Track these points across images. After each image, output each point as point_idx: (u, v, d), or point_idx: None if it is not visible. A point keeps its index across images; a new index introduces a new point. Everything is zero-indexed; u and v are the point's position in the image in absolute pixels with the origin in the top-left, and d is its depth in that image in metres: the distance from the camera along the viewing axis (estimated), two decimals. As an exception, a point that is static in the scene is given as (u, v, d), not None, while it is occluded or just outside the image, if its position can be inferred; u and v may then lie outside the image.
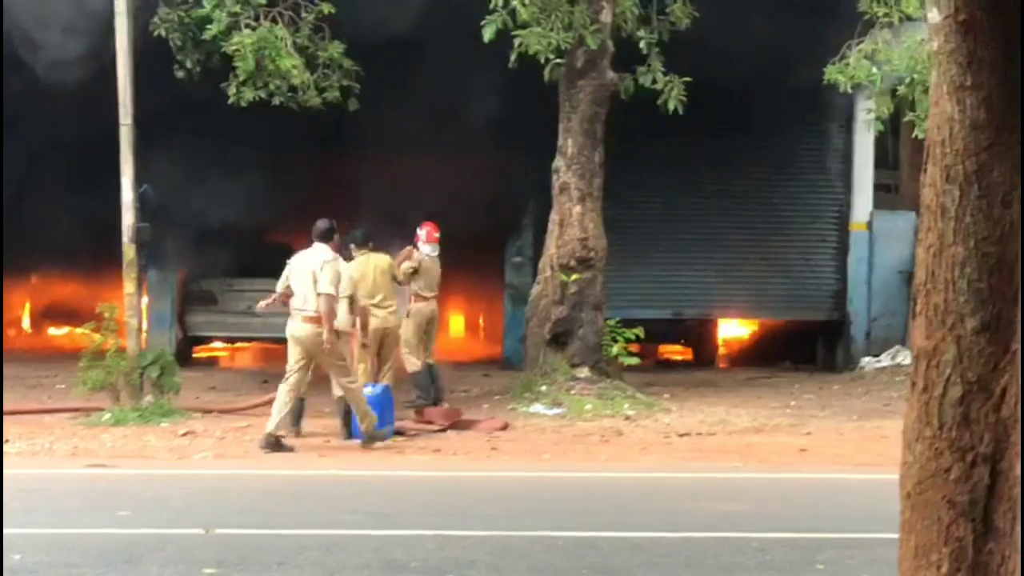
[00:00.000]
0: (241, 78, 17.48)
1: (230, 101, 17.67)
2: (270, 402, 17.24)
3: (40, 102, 20.41)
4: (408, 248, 17.67)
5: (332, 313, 14.68)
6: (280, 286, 15.36)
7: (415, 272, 17.41)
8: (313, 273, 14.68)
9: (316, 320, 14.60)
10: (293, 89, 17.61)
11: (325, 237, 15.16)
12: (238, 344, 25.06)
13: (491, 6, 17.11)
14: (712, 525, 10.41)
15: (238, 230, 23.76)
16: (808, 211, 23.71)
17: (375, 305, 16.67)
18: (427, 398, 17.47)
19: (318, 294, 14.62)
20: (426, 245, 17.67)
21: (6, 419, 16.72)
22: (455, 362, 21.71)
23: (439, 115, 20.86)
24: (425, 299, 17.58)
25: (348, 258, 16.38)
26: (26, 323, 29.29)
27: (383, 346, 17.01)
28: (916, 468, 4.61)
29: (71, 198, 22.53)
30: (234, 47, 17.32)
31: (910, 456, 4.65)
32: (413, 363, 17.48)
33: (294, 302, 14.94)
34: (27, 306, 29.30)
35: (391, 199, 21.31)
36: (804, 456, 14.73)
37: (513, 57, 17.30)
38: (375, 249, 17.27)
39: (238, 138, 20.59)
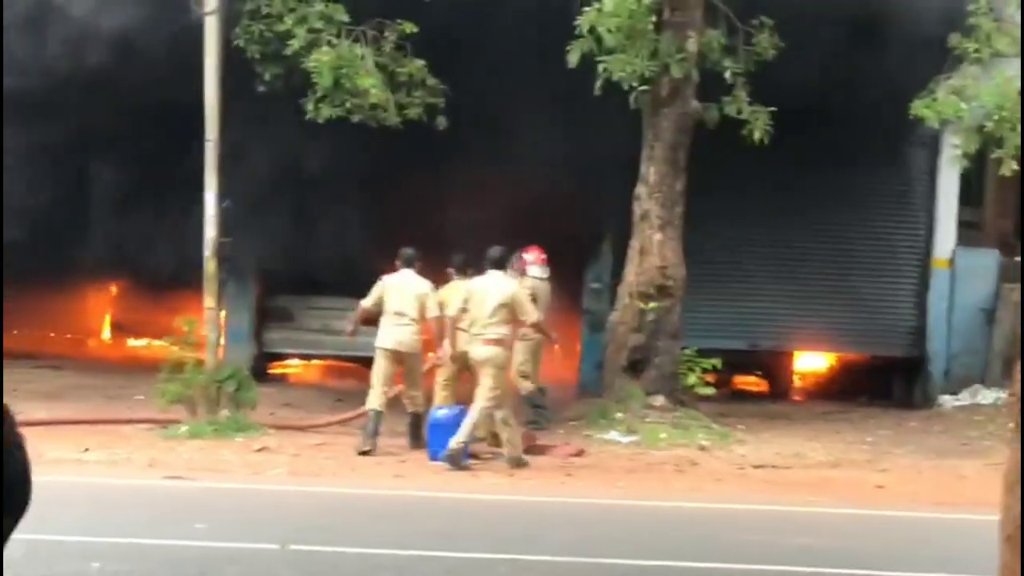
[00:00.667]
0: (319, 95, 17.59)
1: (307, 117, 17.77)
2: (347, 420, 17.45)
3: (123, 114, 20.62)
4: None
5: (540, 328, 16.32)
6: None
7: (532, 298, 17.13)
8: (499, 300, 15.34)
9: (498, 342, 15.31)
10: (372, 107, 17.68)
11: (499, 265, 15.92)
12: (313, 361, 25.17)
13: (577, 31, 17.16)
14: (786, 559, 10.34)
15: (316, 247, 23.93)
16: (889, 246, 23.52)
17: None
18: (541, 420, 17.63)
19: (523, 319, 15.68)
20: (536, 268, 17.71)
21: (86, 428, 16.93)
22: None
23: (521, 138, 20.91)
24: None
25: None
26: (106, 334, 29.56)
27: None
28: (1018, 511, 4.54)
29: (153, 210, 22.73)
30: (313, 64, 17.43)
31: (1011, 499, 4.58)
32: (527, 386, 17.54)
33: (474, 328, 15.45)
34: (107, 317, 29.58)
35: (471, 221, 21.34)
36: (880, 493, 14.60)
37: (598, 83, 17.31)
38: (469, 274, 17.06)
39: (319, 155, 20.70)
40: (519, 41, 19.16)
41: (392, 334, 16.50)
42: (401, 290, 16.48)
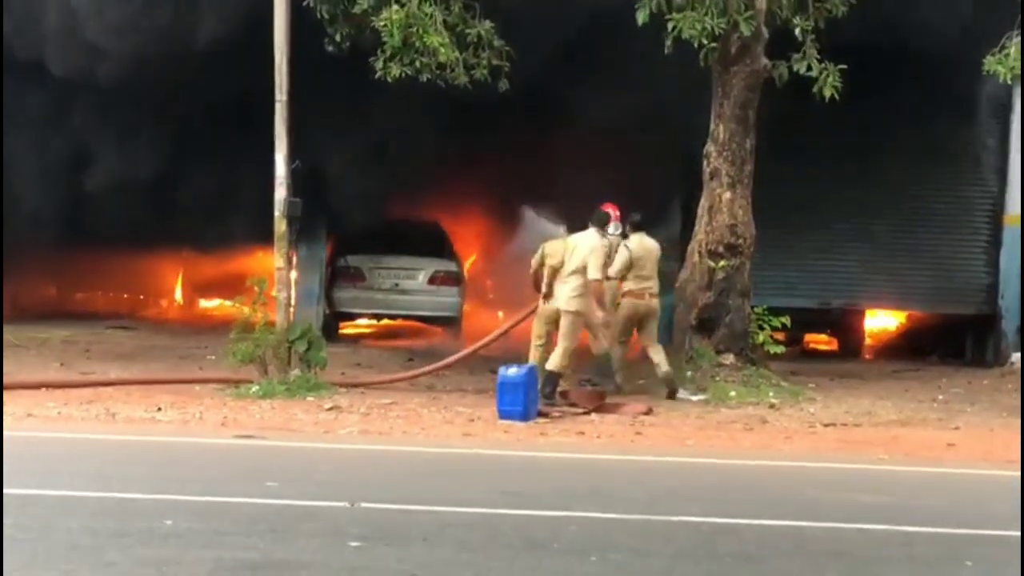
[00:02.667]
0: (388, 54, 17.55)
1: (377, 76, 17.74)
2: (414, 377, 17.61)
3: (194, 74, 20.71)
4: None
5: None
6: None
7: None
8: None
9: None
10: (441, 66, 17.63)
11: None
12: (383, 321, 25.27)
13: (646, -11, 17.07)
14: (857, 516, 10.29)
15: (387, 207, 24.02)
16: (960, 203, 23.35)
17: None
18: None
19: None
20: (610, 225, 17.83)
21: (159, 388, 17.07)
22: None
23: (592, 97, 20.88)
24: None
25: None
26: (178, 295, 29.79)
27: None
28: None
29: (225, 172, 22.85)
30: (382, 22, 17.39)
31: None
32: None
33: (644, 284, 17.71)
34: (180, 278, 29.80)
35: (543, 180, 21.38)
36: (952, 451, 14.51)
37: (668, 41, 17.21)
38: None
39: (393, 115, 20.76)
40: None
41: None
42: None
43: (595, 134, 21.86)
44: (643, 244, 17.97)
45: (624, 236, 17.95)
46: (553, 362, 16.67)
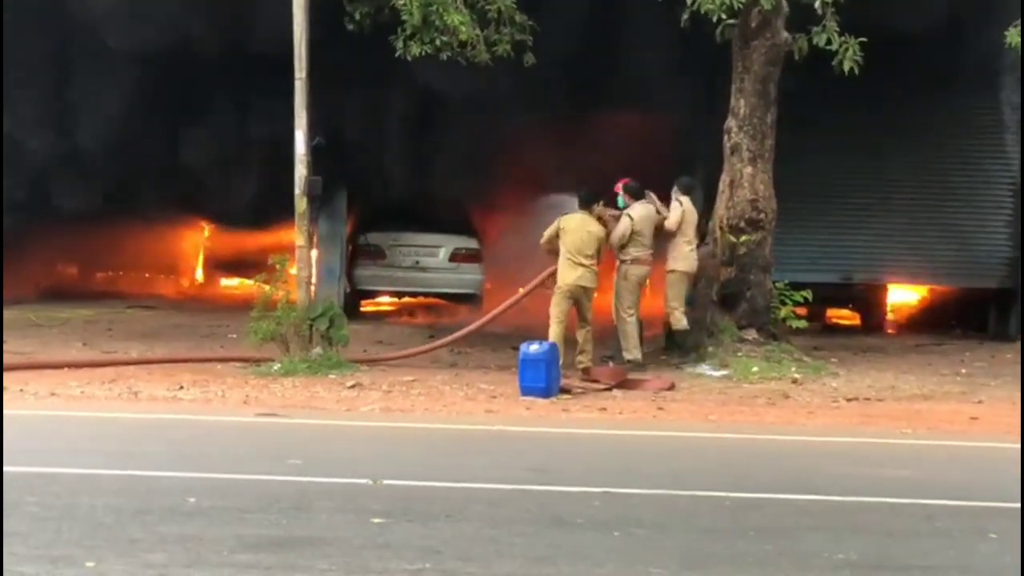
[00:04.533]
0: (408, 32, 17.51)
1: (397, 55, 17.71)
2: (432, 349, 17.66)
3: (215, 53, 20.73)
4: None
5: None
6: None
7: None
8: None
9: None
10: (462, 44, 17.59)
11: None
12: (405, 298, 25.27)
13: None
14: (880, 490, 10.27)
15: (405, 185, 24.03)
16: (982, 176, 23.22)
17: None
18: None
19: None
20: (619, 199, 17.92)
21: (181, 367, 17.10)
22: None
23: (611, 73, 20.85)
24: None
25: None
26: (199, 273, 29.82)
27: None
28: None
29: (243, 150, 22.88)
30: (401, 1, 17.35)
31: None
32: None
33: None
34: (200, 256, 29.83)
35: (565, 157, 21.36)
36: (975, 425, 14.47)
37: (685, 16, 17.15)
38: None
39: (410, 93, 20.74)
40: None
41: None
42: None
43: (611, 109, 21.86)
44: (646, 209, 17.95)
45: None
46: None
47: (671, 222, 17.81)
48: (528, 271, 18.48)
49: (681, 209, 17.89)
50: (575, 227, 17.05)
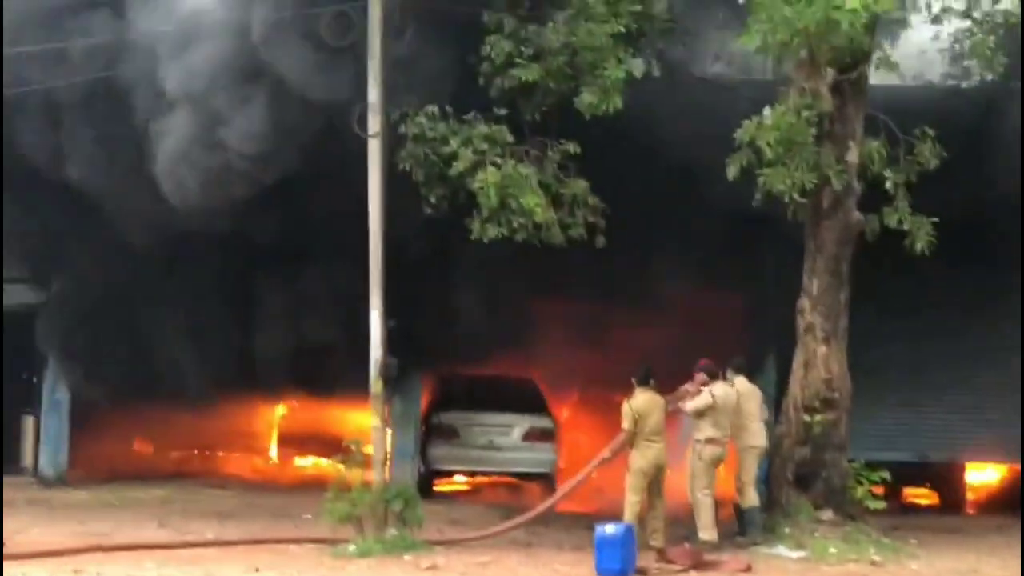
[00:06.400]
0: (485, 215, 17.74)
1: (473, 237, 17.92)
2: (508, 530, 17.57)
3: (292, 232, 21.00)
4: (692, 385, 17.81)
5: None
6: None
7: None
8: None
9: None
10: (536, 226, 17.78)
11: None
12: (478, 477, 25.23)
13: (736, 144, 17.19)
14: None
15: (478, 364, 24.13)
16: (1062, 354, 23.07)
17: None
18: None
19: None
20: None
21: (257, 548, 17.10)
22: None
23: (684, 251, 20.98)
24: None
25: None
26: (273, 452, 29.91)
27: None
28: None
29: (318, 330, 23.04)
30: (479, 184, 17.60)
31: None
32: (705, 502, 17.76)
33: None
34: (274, 434, 29.94)
35: (638, 337, 21.42)
36: (1061, 609, 14.24)
37: (758, 195, 17.30)
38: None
39: (482, 276, 20.93)
40: (679, 157, 19.27)
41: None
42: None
43: (684, 287, 22.00)
44: (727, 391, 17.98)
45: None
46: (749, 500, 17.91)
47: (692, 406, 17.68)
48: (599, 450, 18.40)
49: (711, 398, 17.72)
50: (647, 409, 16.93)
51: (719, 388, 17.75)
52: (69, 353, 23.55)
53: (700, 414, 17.56)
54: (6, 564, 14.60)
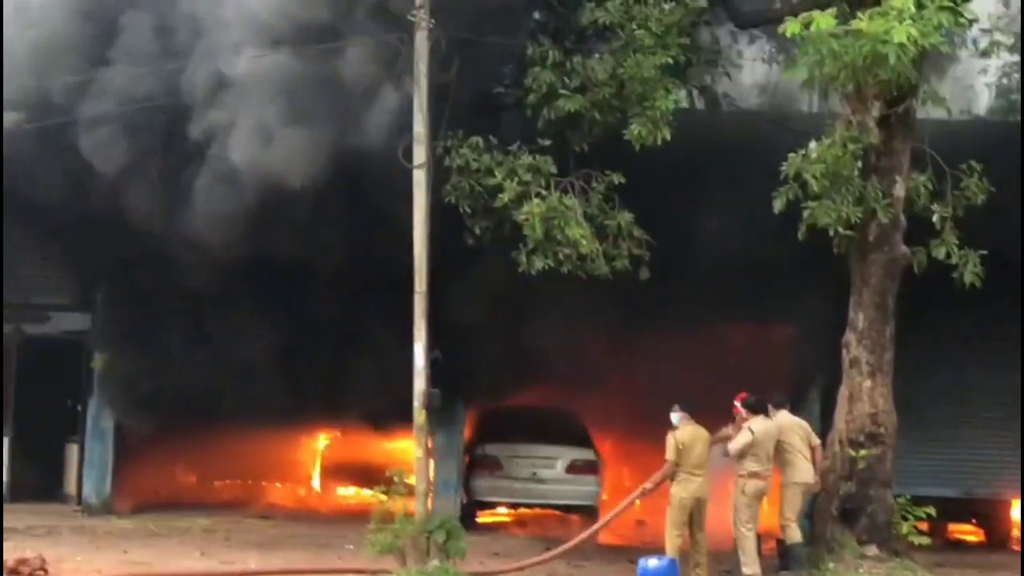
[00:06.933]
0: (530, 247, 17.74)
1: (520, 270, 17.93)
2: (548, 560, 17.53)
3: (335, 263, 21.03)
4: (733, 427, 17.74)
5: None
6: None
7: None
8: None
9: None
10: (582, 258, 17.78)
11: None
12: (520, 509, 25.16)
13: (782, 178, 17.15)
14: None
15: (521, 396, 24.11)
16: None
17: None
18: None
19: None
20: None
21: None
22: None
23: (726, 285, 20.94)
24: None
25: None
26: (316, 482, 29.92)
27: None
28: None
29: (359, 359, 23.05)
30: (524, 216, 17.62)
31: None
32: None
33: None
34: (317, 465, 29.94)
35: (678, 370, 21.35)
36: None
37: (802, 229, 17.25)
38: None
39: (529, 309, 20.92)
40: (725, 188, 19.26)
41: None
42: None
43: (727, 320, 21.95)
44: (767, 425, 17.85)
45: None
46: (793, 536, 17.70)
47: (734, 448, 17.56)
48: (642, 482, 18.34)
49: (751, 435, 17.60)
50: (691, 441, 16.96)
51: (757, 423, 17.63)
52: (115, 381, 23.58)
53: (742, 453, 17.48)
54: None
